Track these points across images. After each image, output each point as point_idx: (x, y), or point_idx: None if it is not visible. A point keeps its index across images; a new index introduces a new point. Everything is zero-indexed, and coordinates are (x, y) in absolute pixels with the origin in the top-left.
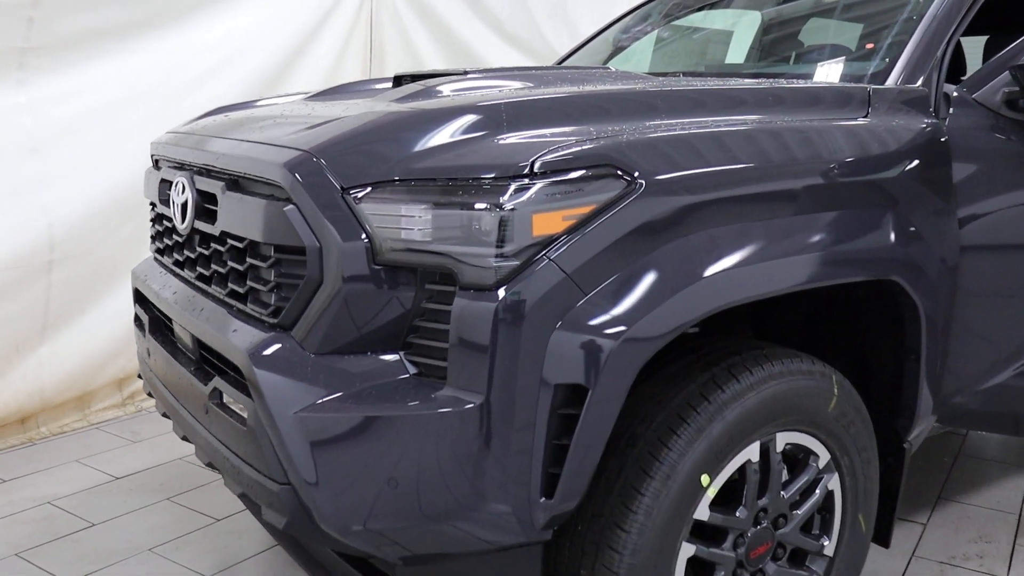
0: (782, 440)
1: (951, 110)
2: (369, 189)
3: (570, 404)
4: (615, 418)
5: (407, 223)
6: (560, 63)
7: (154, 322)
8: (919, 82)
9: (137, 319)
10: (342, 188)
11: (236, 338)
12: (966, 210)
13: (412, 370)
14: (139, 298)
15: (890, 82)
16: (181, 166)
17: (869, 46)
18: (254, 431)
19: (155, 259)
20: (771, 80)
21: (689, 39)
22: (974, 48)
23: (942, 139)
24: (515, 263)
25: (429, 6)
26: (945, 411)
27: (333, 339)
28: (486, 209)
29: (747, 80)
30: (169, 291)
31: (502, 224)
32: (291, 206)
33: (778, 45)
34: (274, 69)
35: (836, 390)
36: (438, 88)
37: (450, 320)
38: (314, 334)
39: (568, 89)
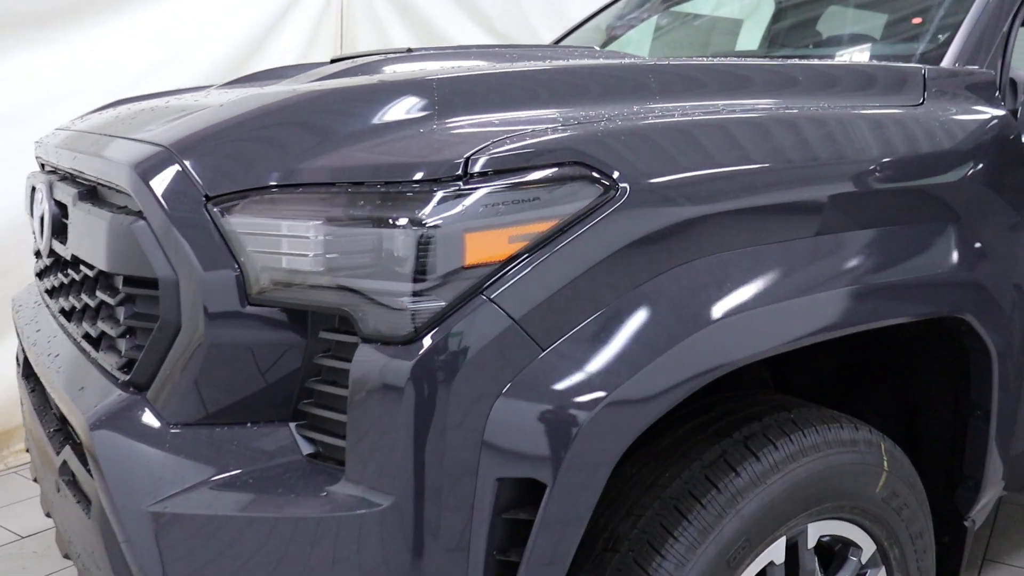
0: (815, 532)
1: (1021, 98)
2: (243, 198)
3: (520, 505)
4: (587, 520)
5: (292, 246)
6: None
7: (26, 364)
8: (984, 64)
9: (17, 358)
10: (207, 197)
11: (80, 398)
12: None
13: (306, 449)
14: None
15: (946, 63)
16: (48, 170)
17: (917, 21)
18: (99, 526)
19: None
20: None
21: (692, 25)
22: None
23: (1011, 135)
24: (439, 304)
25: (409, 1)
26: (1016, 475)
27: (198, 405)
28: (399, 227)
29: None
30: (34, 327)
31: (422, 248)
32: (141, 222)
33: (798, 29)
34: (231, 63)
35: (886, 464)
36: (371, 67)
37: (348, 384)
38: (173, 397)
39: (530, 65)
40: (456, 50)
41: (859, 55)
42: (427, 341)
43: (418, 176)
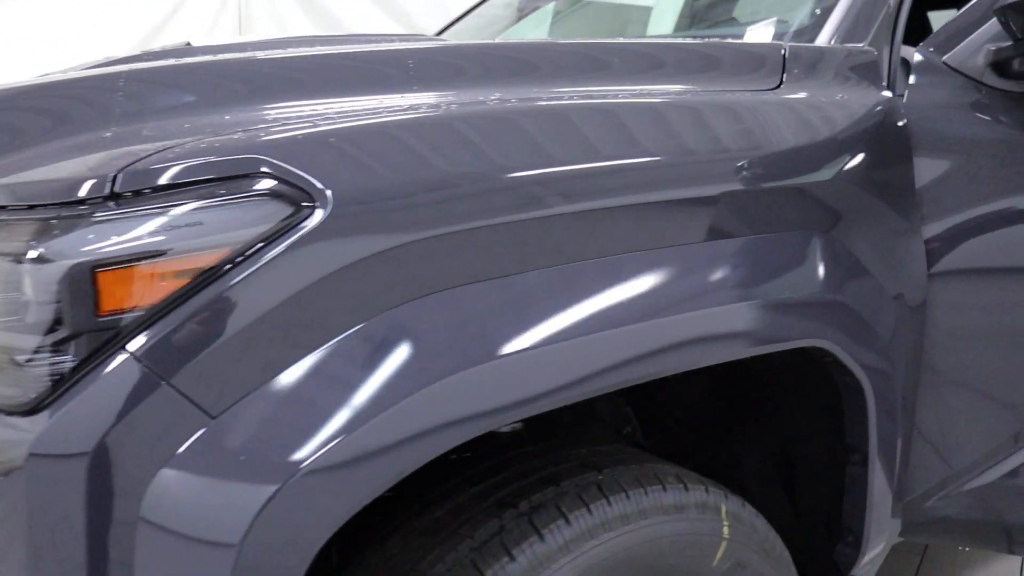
0: None
1: (912, 79)
2: None
3: None
4: None
5: None
6: None
7: None
8: (865, 41)
9: None
10: None
11: None
12: (936, 225)
13: None
14: None
15: (822, 40)
16: None
17: None
18: None
19: None
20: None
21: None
22: None
23: (899, 122)
24: (67, 361)
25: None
26: (915, 520)
27: None
28: (20, 262)
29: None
30: None
31: (45, 289)
32: None
33: (707, 11)
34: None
35: (727, 530)
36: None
37: None
38: None
39: (268, 55)
40: (244, 44)
41: (750, 32)
42: (55, 409)
43: (52, 198)
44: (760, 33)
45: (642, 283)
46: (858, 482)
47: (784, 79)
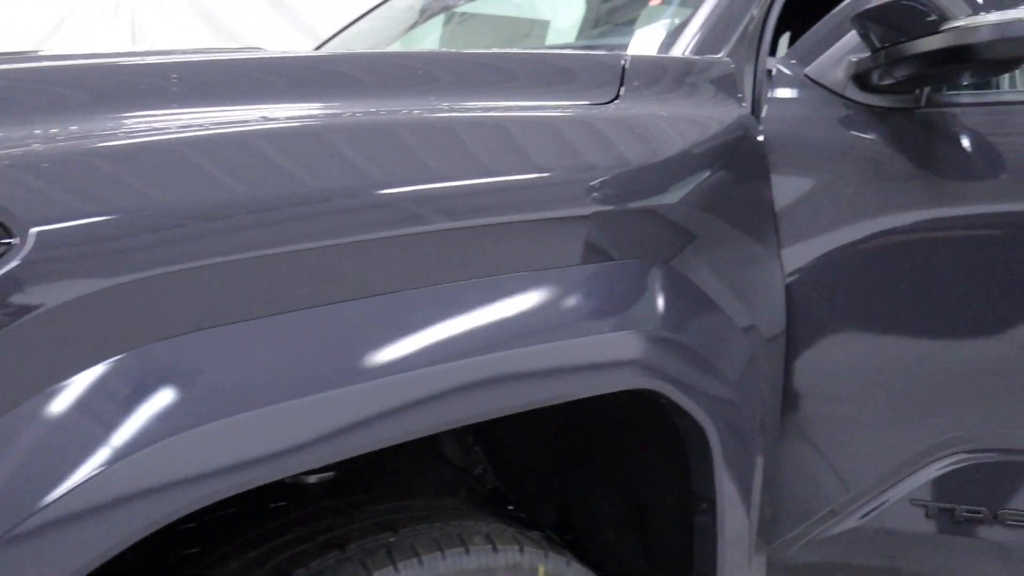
0: None
1: (772, 93)
2: None
3: None
4: None
5: None
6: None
7: None
8: (723, 52)
9: None
10: None
11: None
12: (796, 249)
13: None
14: None
15: (676, 51)
16: None
17: (655, 2)
18: None
19: None
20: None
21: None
22: None
23: (757, 139)
24: None
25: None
26: (775, 569)
27: None
28: None
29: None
30: None
31: None
32: None
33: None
34: None
35: None
36: None
37: None
38: None
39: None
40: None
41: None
42: None
43: None
44: (642, 43)
45: (439, 321)
46: (707, 532)
47: (621, 92)
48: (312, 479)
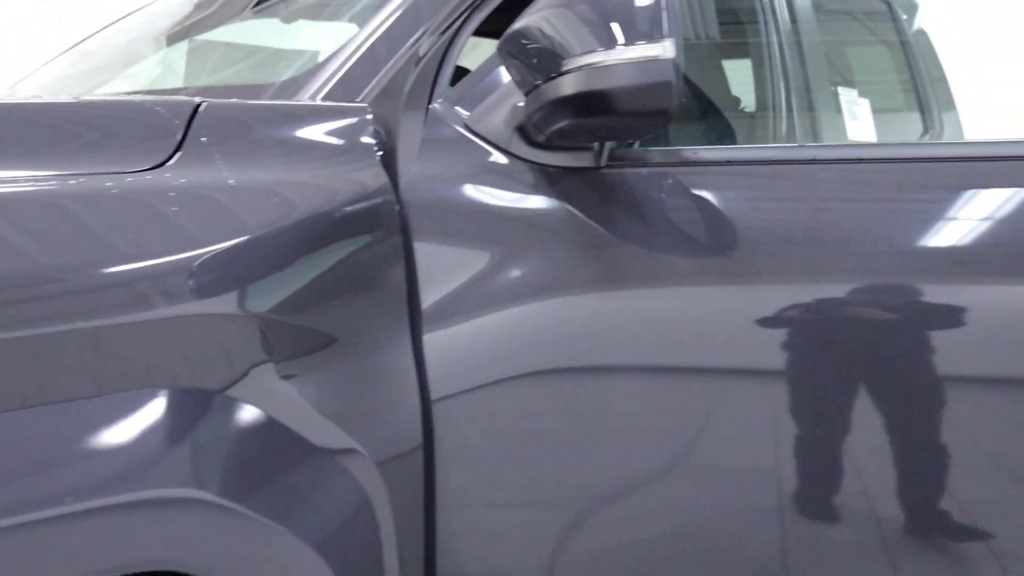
0: None
1: (421, 148)
2: None
3: None
4: None
5: None
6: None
7: None
8: (364, 98)
9: None
10: None
11: None
12: (442, 349)
13: None
14: None
15: (304, 95)
16: None
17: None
18: None
19: None
20: None
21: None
22: None
23: (392, 207)
24: None
25: None
26: None
27: None
28: None
29: None
30: None
31: None
32: None
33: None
34: None
35: None
36: None
37: None
38: None
39: None
40: None
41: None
42: None
43: None
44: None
45: None
46: None
47: (180, 153)
48: None
